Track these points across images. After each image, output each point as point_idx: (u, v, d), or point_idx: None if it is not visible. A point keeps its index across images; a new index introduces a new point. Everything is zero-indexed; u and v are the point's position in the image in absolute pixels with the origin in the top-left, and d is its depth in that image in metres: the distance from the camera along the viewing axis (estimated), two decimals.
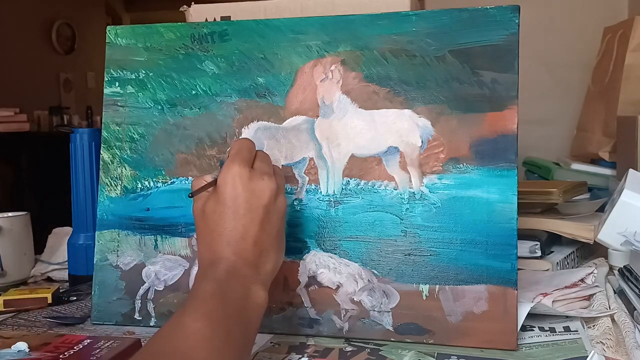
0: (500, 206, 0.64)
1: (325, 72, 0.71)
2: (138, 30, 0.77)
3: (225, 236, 0.58)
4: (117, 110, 0.76)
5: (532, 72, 1.72)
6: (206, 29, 0.75)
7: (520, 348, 0.62)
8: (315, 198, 0.69)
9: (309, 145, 0.71)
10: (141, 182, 0.75)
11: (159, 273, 0.72)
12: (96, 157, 0.88)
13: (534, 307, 0.66)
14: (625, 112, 1.28)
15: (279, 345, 0.65)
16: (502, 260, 0.64)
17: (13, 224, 0.93)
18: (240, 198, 0.58)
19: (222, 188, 0.58)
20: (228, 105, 0.73)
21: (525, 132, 0.75)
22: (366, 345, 0.64)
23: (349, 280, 0.67)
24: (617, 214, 0.84)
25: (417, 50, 0.69)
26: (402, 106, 0.69)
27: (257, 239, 0.58)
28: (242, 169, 0.59)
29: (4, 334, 0.67)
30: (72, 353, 0.60)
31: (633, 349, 0.60)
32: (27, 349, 0.61)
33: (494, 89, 0.66)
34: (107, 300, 0.73)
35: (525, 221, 0.90)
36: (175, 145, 0.74)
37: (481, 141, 0.66)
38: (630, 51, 1.31)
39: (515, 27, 0.66)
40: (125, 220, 0.74)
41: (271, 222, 0.59)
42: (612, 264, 0.86)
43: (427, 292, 0.65)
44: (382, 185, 0.68)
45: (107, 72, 0.77)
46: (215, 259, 0.57)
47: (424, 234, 0.66)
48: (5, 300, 0.80)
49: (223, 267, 0.56)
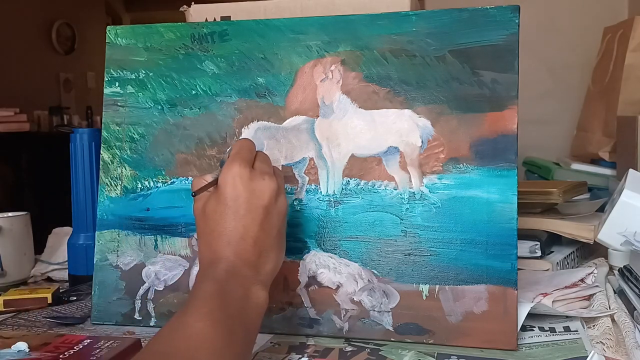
0: (500, 206, 0.64)
1: (325, 72, 0.71)
2: (138, 30, 0.77)
3: (226, 236, 0.58)
4: (117, 110, 0.76)
5: (532, 72, 1.72)
6: (206, 29, 0.75)
7: (520, 348, 0.62)
8: (315, 198, 0.69)
9: (309, 145, 0.71)
10: (141, 182, 0.75)
11: (159, 273, 0.72)
12: (96, 157, 0.88)
13: (534, 307, 0.66)
14: (625, 112, 1.28)
15: (279, 345, 0.65)
16: (502, 260, 0.64)
17: (13, 224, 0.93)
18: (241, 198, 0.58)
19: (222, 188, 0.59)
20: (228, 105, 0.73)
21: (525, 132, 0.75)
22: (366, 345, 0.64)
23: (349, 280, 0.67)
24: (617, 214, 0.84)
25: (417, 50, 0.69)
26: (402, 106, 0.69)
27: (257, 239, 0.58)
28: (243, 169, 0.59)
29: (3, 334, 0.67)
30: (72, 353, 0.60)
31: (633, 349, 0.60)
32: (27, 349, 0.61)
33: (494, 89, 0.66)
34: (107, 300, 0.73)
35: (525, 221, 0.90)
36: (175, 145, 0.74)
37: (481, 141, 0.66)
38: (630, 51, 1.31)
39: (515, 27, 0.66)
40: (125, 220, 0.74)
41: (271, 222, 0.59)
42: (612, 264, 0.86)
43: (427, 292, 0.65)
44: (382, 185, 0.68)
45: (107, 72, 0.77)
46: (216, 258, 0.57)
47: (424, 234, 0.66)
48: (5, 300, 0.80)
49: (223, 266, 0.56)
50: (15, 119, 3.22)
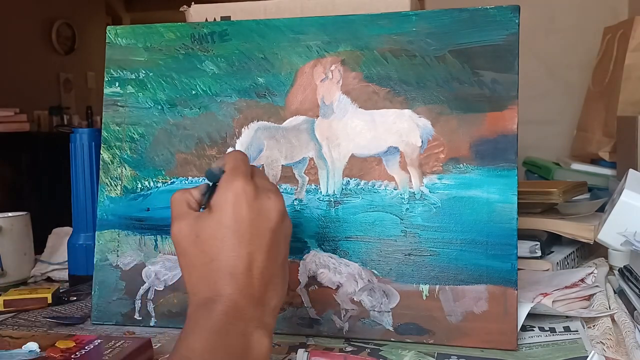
0: (500, 206, 0.64)
1: (325, 72, 0.71)
2: (138, 30, 0.77)
3: (229, 267, 0.49)
4: (117, 110, 0.76)
5: (532, 72, 1.72)
6: (206, 29, 0.75)
7: (520, 348, 0.62)
8: (315, 198, 0.69)
9: (309, 145, 0.71)
10: (141, 182, 0.75)
11: (159, 273, 0.72)
12: (96, 157, 0.88)
13: (534, 307, 0.66)
14: (625, 112, 1.28)
15: (279, 345, 0.65)
16: (502, 260, 0.64)
17: (13, 224, 0.93)
18: (246, 220, 0.50)
19: (223, 208, 0.50)
20: (228, 105, 0.73)
21: (525, 132, 0.75)
22: (366, 345, 0.64)
23: (349, 280, 0.67)
24: (617, 214, 0.84)
25: (417, 50, 0.69)
26: (402, 106, 0.69)
27: (265, 269, 0.50)
28: (247, 185, 0.50)
29: (13, 334, 0.66)
30: (83, 353, 0.59)
31: (633, 349, 0.60)
32: (38, 349, 0.61)
33: (494, 89, 0.66)
34: (107, 300, 0.73)
35: (525, 221, 0.90)
36: (175, 145, 0.74)
37: (481, 141, 0.66)
38: (630, 51, 1.31)
39: (515, 27, 0.66)
40: (125, 220, 0.74)
41: (279, 248, 0.52)
42: (612, 264, 0.86)
43: (427, 292, 0.65)
44: (382, 185, 0.68)
45: (107, 72, 0.77)
46: (213, 296, 0.49)
47: (424, 234, 0.66)
48: (5, 301, 0.80)
49: (221, 308, 0.48)
50: (15, 119, 3.23)
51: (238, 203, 0.50)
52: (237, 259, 0.49)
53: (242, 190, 0.50)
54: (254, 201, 0.50)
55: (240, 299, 0.49)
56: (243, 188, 0.50)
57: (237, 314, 0.48)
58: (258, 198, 0.51)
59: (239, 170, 0.52)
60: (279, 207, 0.52)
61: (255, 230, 0.50)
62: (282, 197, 0.54)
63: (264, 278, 0.50)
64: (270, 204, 0.51)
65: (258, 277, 0.50)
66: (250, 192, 0.50)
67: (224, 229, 0.50)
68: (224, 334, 0.47)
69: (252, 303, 0.49)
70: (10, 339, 0.64)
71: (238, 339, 0.47)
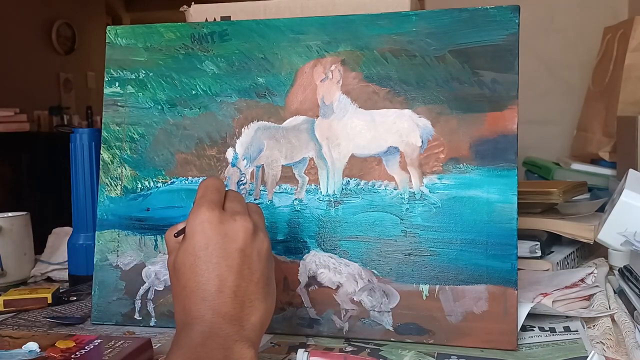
0: (500, 206, 0.64)
1: (325, 72, 0.71)
2: (138, 30, 0.77)
3: (200, 291, 0.51)
4: (117, 110, 0.76)
5: (532, 72, 1.72)
6: (206, 29, 0.75)
7: (520, 348, 0.62)
8: (315, 198, 0.69)
9: (309, 145, 0.71)
10: (141, 182, 0.75)
11: (159, 273, 0.72)
12: (96, 157, 0.88)
13: (534, 307, 0.66)
14: (625, 112, 1.28)
15: (279, 345, 0.65)
16: (502, 260, 0.64)
17: (13, 224, 0.93)
18: (212, 244, 0.52)
19: (190, 236, 0.53)
20: (228, 105, 0.73)
21: (525, 132, 0.75)
22: (366, 345, 0.64)
23: (349, 280, 0.67)
24: (617, 214, 0.84)
25: (417, 50, 0.69)
26: (402, 106, 0.69)
27: (237, 288, 0.52)
28: (211, 213, 0.53)
29: (13, 334, 0.66)
30: (83, 353, 0.59)
31: (633, 349, 0.60)
32: (38, 349, 0.61)
33: (494, 89, 0.66)
34: (107, 300, 0.73)
35: (525, 221, 0.90)
36: (175, 145, 0.74)
37: (481, 141, 0.66)
38: (630, 51, 1.31)
39: (515, 27, 0.66)
40: (125, 220, 0.74)
41: (252, 266, 0.53)
42: (612, 264, 0.86)
43: (427, 292, 0.65)
44: (382, 185, 0.68)
45: (107, 72, 0.77)
46: (189, 320, 0.51)
47: (424, 234, 0.66)
48: (5, 301, 0.80)
49: (198, 329, 0.50)
50: (15, 119, 3.23)
51: (203, 230, 0.53)
52: (206, 283, 0.52)
53: (206, 217, 0.53)
54: (218, 225, 0.53)
55: (214, 319, 0.51)
56: (207, 216, 0.53)
57: (214, 331, 0.50)
58: (223, 222, 0.53)
59: (204, 199, 0.54)
60: (246, 227, 0.53)
61: (222, 252, 0.52)
62: (257, 216, 0.56)
63: (238, 297, 0.52)
64: (237, 226, 0.53)
65: (231, 297, 0.51)
66: (215, 218, 0.53)
67: (191, 257, 0.52)
68: (204, 347, 0.48)
69: (227, 321, 0.51)
70: (10, 339, 0.64)
71: (219, 351, 0.49)
